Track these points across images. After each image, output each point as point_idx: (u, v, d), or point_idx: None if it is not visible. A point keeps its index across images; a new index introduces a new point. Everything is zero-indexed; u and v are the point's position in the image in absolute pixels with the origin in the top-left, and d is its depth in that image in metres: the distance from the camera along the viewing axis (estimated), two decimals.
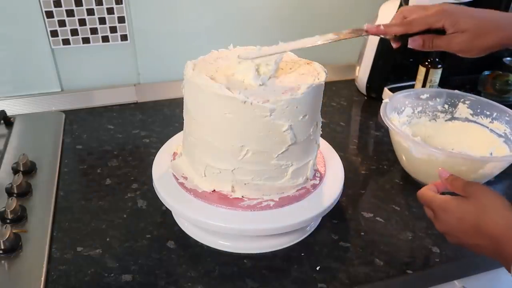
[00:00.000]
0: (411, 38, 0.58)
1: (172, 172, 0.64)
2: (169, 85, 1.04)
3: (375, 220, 0.68)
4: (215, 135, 0.57)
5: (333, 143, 0.72)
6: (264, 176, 0.58)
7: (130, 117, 0.96)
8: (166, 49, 1.04)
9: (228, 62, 0.61)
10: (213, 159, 0.58)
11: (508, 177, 0.78)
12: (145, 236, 0.63)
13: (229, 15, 1.04)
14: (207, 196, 0.59)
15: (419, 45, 0.58)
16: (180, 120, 0.64)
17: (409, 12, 0.58)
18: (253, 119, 0.53)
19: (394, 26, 0.58)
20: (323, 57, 1.18)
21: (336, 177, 0.65)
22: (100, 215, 0.67)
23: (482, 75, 0.99)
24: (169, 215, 0.66)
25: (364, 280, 0.57)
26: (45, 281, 0.55)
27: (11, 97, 0.96)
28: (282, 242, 0.62)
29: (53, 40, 0.94)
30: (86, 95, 1.00)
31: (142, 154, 0.82)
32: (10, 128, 0.87)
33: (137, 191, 0.72)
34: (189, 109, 0.59)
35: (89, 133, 0.89)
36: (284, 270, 0.58)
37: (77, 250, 0.60)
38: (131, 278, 0.56)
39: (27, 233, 0.61)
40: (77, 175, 0.76)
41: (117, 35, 0.98)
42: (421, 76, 0.96)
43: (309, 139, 0.59)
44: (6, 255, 0.58)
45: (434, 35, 0.57)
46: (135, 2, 0.96)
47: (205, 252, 0.61)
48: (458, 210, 0.49)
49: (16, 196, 0.67)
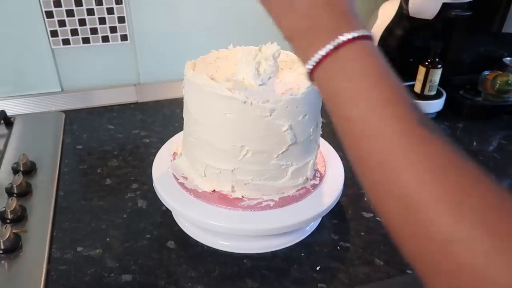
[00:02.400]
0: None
1: (172, 172, 0.64)
2: (169, 85, 1.04)
3: (375, 220, 0.68)
4: (215, 135, 0.57)
5: (333, 143, 0.72)
6: (264, 176, 0.58)
7: (130, 117, 0.96)
8: (166, 49, 1.04)
9: (228, 62, 0.61)
10: (213, 159, 0.58)
11: (508, 177, 0.78)
12: (145, 236, 0.63)
13: (229, 15, 1.04)
14: (207, 196, 0.59)
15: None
16: (180, 120, 0.64)
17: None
18: (253, 119, 0.53)
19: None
20: None
21: (336, 177, 0.65)
22: (100, 215, 0.67)
23: (482, 75, 0.99)
24: (169, 215, 0.66)
25: (364, 280, 0.57)
26: (45, 281, 0.55)
27: (11, 97, 0.96)
28: (282, 242, 0.62)
29: (53, 40, 0.94)
30: (86, 95, 1.00)
31: (142, 154, 0.82)
32: (10, 128, 0.87)
33: (137, 191, 0.72)
34: (189, 109, 0.59)
35: (89, 133, 0.89)
36: (284, 270, 0.58)
37: (77, 250, 0.60)
38: (131, 278, 0.56)
39: (27, 233, 0.61)
40: (77, 175, 0.76)
41: (117, 35, 0.98)
42: (421, 76, 0.96)
43: (309, 139, 0.59)
44: (6, 255, 0.58)
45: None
46: (135, 2, 0.96)
47: (205, 252, 0.61)
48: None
49: (16, 196, 0.67)
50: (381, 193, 0.30)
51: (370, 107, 0.31)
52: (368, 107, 0.31)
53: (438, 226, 0.26)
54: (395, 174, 0.29)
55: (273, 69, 0.57)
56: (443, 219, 0.26)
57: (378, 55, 0.33)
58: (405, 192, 0.28)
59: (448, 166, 0.27)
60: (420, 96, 0.97)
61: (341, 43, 0.32)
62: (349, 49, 0.32)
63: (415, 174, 0.28)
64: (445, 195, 0.26)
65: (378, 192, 0.30)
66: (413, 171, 0.28)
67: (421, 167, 0.28)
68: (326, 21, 0.33)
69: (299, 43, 0.35)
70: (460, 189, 0.27)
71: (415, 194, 0.27)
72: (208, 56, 0.63)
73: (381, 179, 0.30)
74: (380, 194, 0.30)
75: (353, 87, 0.32)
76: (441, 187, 0.27)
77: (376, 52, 0.33)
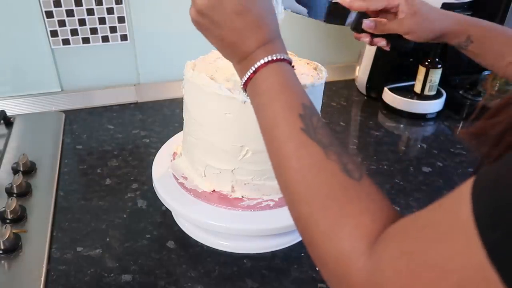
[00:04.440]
0: (365, 20, 0.61)
1: (172, 172, 0.64)
2: (169, 85, 1.04)
3: None
4: (215, 135, 0.57)
5: None
6: (264, 176, 0.58)
7: (130, 117, 0.96)
8: (166, 49, 1.04)
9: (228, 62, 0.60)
10: (213, 159, 0.58)
11: None
12: (145, 236, 0.63)
13: None
14: (207, 196, 0.59)
15: (371, 27, 0.61)
16: (180, 120, 0.64)
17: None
18: (253, 119, 0.53)
19: (357, 0, 0.60)
20: (323, 57, 1.19)
21: None
22: (100, 215, 0.67)
23: (482, 75, 0.99)
24: (169, 215, 0.66)
25: None
26: (45, 281, 0.55)
27: (11, 97, 0.96)
28: (282, 242, 0.62)
29: (53, 40, 0.94)
30: (86, 95, 1.00)
31: (142, 154, 0.82)
32: (10, 128, 0.87)
33: (137, 191, 0.72)
34: (189, 109, 0.59)
35: (89, 133, 0.89)
36: (284, 270, 0.58)
37: (77, 250, 0.60)
38: (131, 278, 0.56)
39: (27, 233, 0.61)
40: (77, 175, 0.76)
41: (117, 35, 0.98)
42: (421, 76, 0.96)
43: None
44: (6, 255, 0.58)
45: (386, 19, 0.60)
46: (135, 2, 0.96)
47: (205, 252, 0.61)
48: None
49: (16, 196, 0.67)
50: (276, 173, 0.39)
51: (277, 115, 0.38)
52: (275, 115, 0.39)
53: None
54: (283, 167, 0.37)
55: None
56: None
57: (288, 73, 0.40)
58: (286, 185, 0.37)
59: (312, 167, 0.35)
60: (420, 96, 0.97)
61: (258, 67, 0.40)
62: (267, 69, 0.40)
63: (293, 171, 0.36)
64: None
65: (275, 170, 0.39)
66: (291, 168, 0.36)
67: (296, 165, 0.35)
68: (254, 44, 0.41)
69: (235, 63, 0.44)
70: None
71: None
72: (208, 56, 0.63)
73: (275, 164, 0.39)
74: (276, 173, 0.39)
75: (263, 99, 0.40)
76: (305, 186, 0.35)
77: (286, 71, 0.41)
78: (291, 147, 0.36)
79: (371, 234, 0.30)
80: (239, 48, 0.41)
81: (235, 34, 0.41)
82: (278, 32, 0.43)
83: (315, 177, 0.34)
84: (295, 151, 0.36)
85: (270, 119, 0.39)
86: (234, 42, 0.41)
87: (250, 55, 0.41)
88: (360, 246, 0.30)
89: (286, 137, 0.37)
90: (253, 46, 0.41)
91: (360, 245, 0.30)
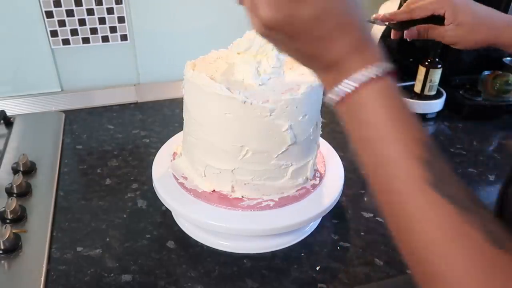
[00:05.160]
0: (408, 29, 0.61)
1: (172, 172, 0.64)
2: (169, 85, 1.04)
3: (375, 220, 0.68)
4: (215, 135, 0.57)
5: (333, 143, 0.72)
6: (264, 176, 0.58)
7: (130, 117, 0.96)
8: (166, 49, 1.04)
9: (228, 62, 0.60)
10: (213, 159, 0.58)
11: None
12: (145, 236, 0.63)
13: (229, 15, 1.04)
14: (207, 196, 0.59)
15: (414, 35, 0.61)
16: (180, 120, 0.64)
17: (414, 2, 0.61)
18: (253, 119, 0.53)
19: (399, 13, 0.60)
20: None
21: (336, 177, 0.65)
22: (100, 215, 0.67)
23: (482, 75, 0.99)
24: (169, 215, 0.66)
25: (364, 280, 0.57)
26: (45, 281, 0.55)
27: (11, 97, 0.96)
28: (282, 242, 0.62)
29: (53, 40, 0.94)
30: (86, 95, 1.00)
31: (142, 154, 0.82)
32: (10, 128, 0.87)
33: (137, 191, 0.72)
34: (189, 109, 0.59)
35: (89, 133, 0.89)
36: (284, 270, 0.58)
37: (77, 250, 0.60)
38: (131, 278, 0.56)
39: (27, 233, 0.61)
40: (77, 175, 0.76)
41: (117, 35, 0.98)
42: (421, 76, 0.96)
43: (309, 139, 0.59)
44: (6, 255, 0.58)
45: (430, 25, 0.60)
46: (135, 2, 0.96)
47: (205, 252, 0.61)
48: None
49: (16, 196, 0.67)
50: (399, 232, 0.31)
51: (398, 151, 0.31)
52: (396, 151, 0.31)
53: None
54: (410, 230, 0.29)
55: (275, 69, 0.57)
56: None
57: (397, 96, 0.33)
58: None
59: (456, 236, 0.28)
60: (420, 96, 0.97)
61: (363, 83, 0.32)
62: (371, 90, 0.32)
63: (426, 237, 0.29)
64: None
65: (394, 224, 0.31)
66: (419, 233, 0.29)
67: (437, 232, 0.28)
68: (343, 50, 0.33)
69: (319, 73, 0.36)
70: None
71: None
72: (208, 56, 0.63)
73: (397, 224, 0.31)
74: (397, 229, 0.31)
75: (376, 131, 0.33)
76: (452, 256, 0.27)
77: (395, 92, 0.33)
78: (417, 206, 0.29)
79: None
80: (323, 57, 0.34)
81: (317, 44, 0.33)
82: (369, 31, 0.34)
83: (455, 249, 0.27)
84: (423, 214, 0.29)
85: (384, 165, 0.32)
86: (316, 53, 0.34)
87: (340, 62, 0.33)
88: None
89: (408, 193, 0.30)
90: (342, 51, 0.33)
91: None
